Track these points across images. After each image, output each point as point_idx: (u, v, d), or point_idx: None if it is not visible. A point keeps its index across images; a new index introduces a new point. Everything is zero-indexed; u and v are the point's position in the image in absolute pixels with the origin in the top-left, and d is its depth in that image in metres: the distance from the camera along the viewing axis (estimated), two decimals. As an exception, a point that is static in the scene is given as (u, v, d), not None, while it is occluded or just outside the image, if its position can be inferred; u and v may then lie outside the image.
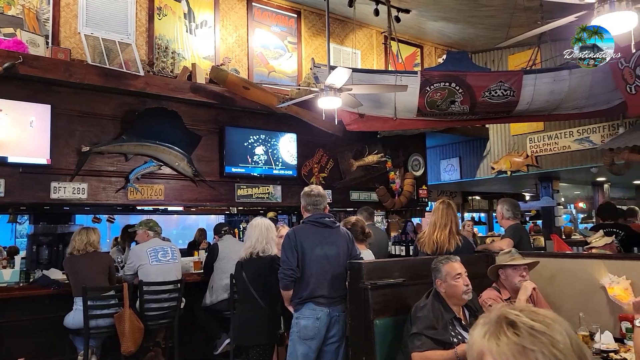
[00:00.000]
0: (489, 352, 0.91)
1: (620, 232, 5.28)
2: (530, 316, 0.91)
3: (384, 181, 7.76)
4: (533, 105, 6.06)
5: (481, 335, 0.93)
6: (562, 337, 0.88)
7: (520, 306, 0.97)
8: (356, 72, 5.66)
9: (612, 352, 2.94)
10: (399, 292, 3.30)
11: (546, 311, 0.95)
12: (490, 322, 0.95)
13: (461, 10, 6.75)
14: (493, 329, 0.92)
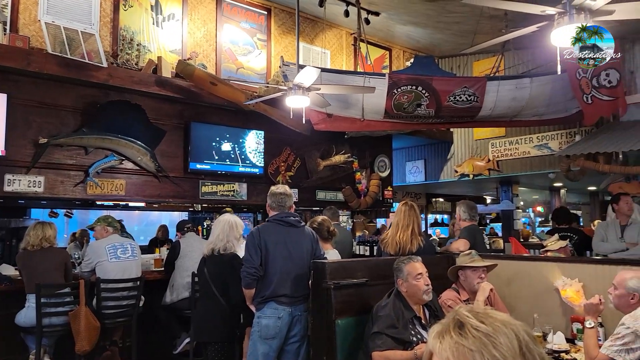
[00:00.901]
0: (434, 350, 0.93)
1: (574, 236, 5.49)
2: (480, 318, 0.93)
3: (350, 181, 7.81)
4: (495, 111, 6.23)
5: (432, 334, 0.95)
6: (507, 340, 0.89)
7: (477, 308, 0.98)
8: (325, 72, 5.68)
9: (564, 352, 3.05)
10: (362, 291, 3.33)
11: (501, 315, 0.96)
12: (444, 322, 0.97)
13: (429, 16, 6.85)
14: (443, 328, 0.94)
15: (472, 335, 0.90)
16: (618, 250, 5.02)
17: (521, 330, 0.92)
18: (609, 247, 5.10)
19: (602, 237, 5.22)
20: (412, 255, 3.52)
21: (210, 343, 3.80)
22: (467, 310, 0.96)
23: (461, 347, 0.89)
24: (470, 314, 0.95)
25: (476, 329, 0.91)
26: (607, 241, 5.15)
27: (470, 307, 0.99)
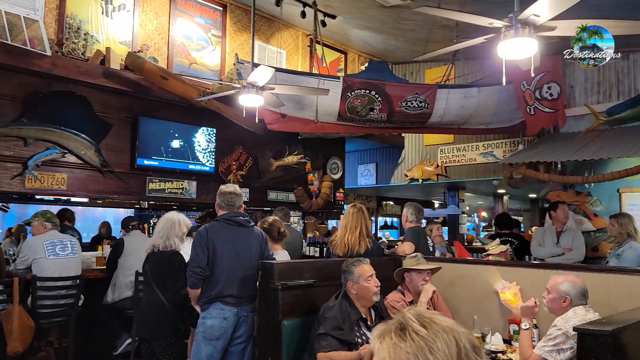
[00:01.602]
0: (374, 350, 0.95)
1: (515, 241, 5.73)
2: (422, 321, 0.94)
3: (302, 182, 7.82)
4: (445, 118, 6.41)
5: (374, 334, 0.96)
6: (445, 346, 0.90)
7: (424, 313, 0.98)
8: (280, 72, 5.67)
9: (500, 353, 3.18)
10: (309, 292, 3.34)
11: (447, 321, 0.97)
12: (388, 323, 0.98)
13: (384, 22, 6.97)
14: (385, 329, 0.95)
15: (411, 339, 0.91)
16: (554, 254, 5.29)
17: (463, 338, 0.93)
18: (545, 251, 5.36)
19: (540, 242, 5.48)
20: (360, 257, 3.58)
21: (157, 341, 3.69)
22: (412, 314, 0.97)
23: (399, 349, 0.91)
24: (414, 318, 0.95)
25: (416, 332, 0.92)
26: (544, 246, 5.41)
27: (418, 311, 1.00)
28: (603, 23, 3.15)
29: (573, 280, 2.86)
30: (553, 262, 4.84)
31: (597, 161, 5.69)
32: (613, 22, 3.13)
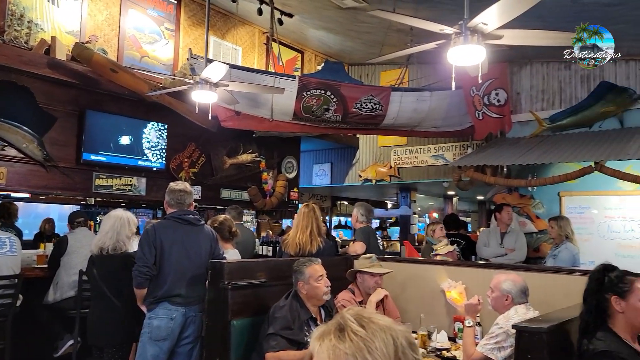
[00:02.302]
0: (313, 352, 0.95)
1: (462, 241, 5.92)
2: (362, 322, 0.95)
3: (256, 181, 7.75)
4: (398, 120, 6.53)
5: (314, 336, 0.97)
6: (383, 345, 0.92)
7: (363, 312, 0.99)
8: (235, 69, 5.60)
9: (445, 350, 3.27)
10: (260, 292, 3.32)
11: (384, 320, 0.98)
12: (328, 324, 0.98)
13: (341, 23, 7.02)
14: (325, 330, 0.96)
15: (349, 339, 0.92)
16: (498, 254, 5.51)
17: (400, 336, 0.95)
18: (490, 251, 5.57)
19: (485, 242, 5.69)
20: (311, 256, 3.59)
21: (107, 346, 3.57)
22: (351, 314, 0.98)
23: (338, 350, 0.91)
24: (353, 318, 0.96)
25: (355, 333, 0.93)
26: (489, 247, 5.63)
27: (357, 310, 1.00)
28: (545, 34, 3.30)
29: (514, 279, 2.98)
30: (497, 262, 5.04)
31: (539, 165, 5.96)
32: (554, 33, 3.28)
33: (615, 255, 5.81)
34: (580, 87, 6.73)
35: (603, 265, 2.39)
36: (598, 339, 2.20)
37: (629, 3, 4.61)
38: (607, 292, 2.28)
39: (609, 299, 2.26)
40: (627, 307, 2.22)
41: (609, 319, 2.27)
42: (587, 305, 2.34)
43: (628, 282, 2.26)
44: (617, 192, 5.88)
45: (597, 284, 2.33)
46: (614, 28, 5.42)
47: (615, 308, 2.24)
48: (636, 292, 2.22)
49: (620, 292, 2.25)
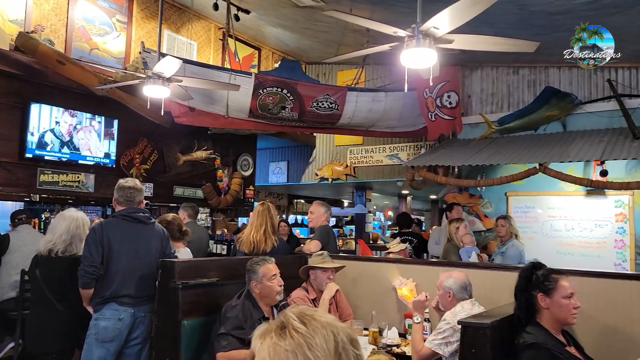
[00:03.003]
0: (255, 350, 0.95)
1: (414, 239, 6.05)
2: (303, 319, 0.96)
3: (211, 178, 7.64)
4: (354, 120, 6.60)
5: (256, 335, 0.97)
6: (323, 341, 0.93)
7: (305, 310, 1.00)
8: (189, 64, 5.50)
9: (395, 347, 3.34)
10: (212, 291, 3.28)
11: (326, 317, 0.99)
12: (270, 322, 0.99)
13: (298, 21, 7.02)
14: (267, 329, 0.96)
15: (290, 337, 0.93)
16: (448, 253, 5.66)
17: (341, 332, 0.97)
18: (440, 249, 5.71)
19: (436, 240, 5.84)
20: (266, 254, 3.58)
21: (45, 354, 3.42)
22: (294, 312, 0.99)
23: (278, 347, 0.92)
24: (295, 316, 0.97)
25: (296, 330, 0.94)
26: (440, 245, 5.77)
27: (301, 309, 1.01)
28: (493, 40, 3.43)
29: (455, 275, 3.10)
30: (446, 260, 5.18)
31: (488, 166, 6.18)
32: (503, 39, 3.41)
33: (557, 252, 6.12)
34: (527, 91, 7.01)
35: (532, 264, 2.55)
36: (527, 333, 2.36)
37: (572, 13, 4.84)
38: (534, 289, 2.44)
39: (535, 296, 2.42)
40: (552, 303, 2.38)
41: (537, 314, 2.44)
42: (518, 301, 2.51)
43: (553, 280, 2.42)
44: (559, 192, 6.18)
45: (526, 281, 2.48)
46: (558, 36, 5.71)
47: (541, 304, 2.40)
48: (560, 290, 2.38)
49: (545, 289, 2.41)
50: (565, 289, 2.40)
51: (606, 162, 5.56)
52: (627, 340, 2.80)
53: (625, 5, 4.48)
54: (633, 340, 2.78)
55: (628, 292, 2.91)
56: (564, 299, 2.39)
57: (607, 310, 2.90)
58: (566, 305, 2.39)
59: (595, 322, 2.89)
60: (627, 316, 2.84)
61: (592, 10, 4.64)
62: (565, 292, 2.39)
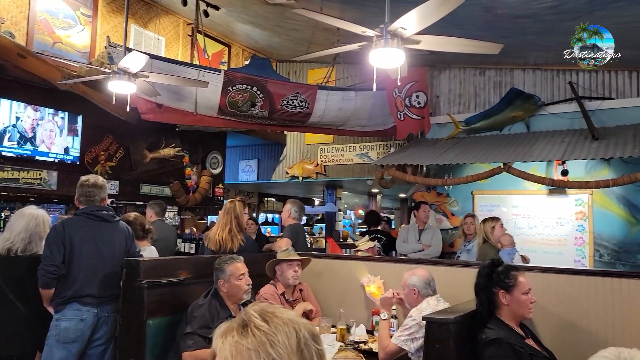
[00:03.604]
0: (216, 350, 0.94)
1: (383, 237, 6.11)
2: (265, 317, 0.95)
3: (179, 176, 7.54)
4: (324, 118, 6.62)
5: (217, 334, 0.96)
6: (285, 338, 0.92)
7: (267, 307, 1.00)
8: (156, 60, 5.41)
9: (362, 343, 3.37)
10: (179, 290, 3.24)
11: (287, 313, 0.99)
12: (231, 321, 0.98)
13: (269, 19, 6.98)
14: (228, 327, 0.95)
15: (252, 335, 0.92)
16: (416, 250, 5.75)
17: (303, 329, 0.96)
18: (409, 247, 5.80)
19: (404, 239, 5.92)
20: (233, 253, 3.56)
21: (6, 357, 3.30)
22: (255, 310, 0.98)
23: (240, 346, 0.91)
24: (257, 314, 0.96)
25: (258, 328, 0.93)
26: (408, 242, 5.86)
27: (262, 306, 1.00)
28: (459, 41, 3.49)
29: (418, 272, 3.16)
30: (414, 258, 5.26)
31: (455, 165, 6.29)
32: (468, 41, 3.48)
33: (520, 250, 6.26)
34: (493, 92, 7.17)
35: (491, 262, 2.61)
36: (489, 328, 2.43)
37: (536, 16, 4.97)
38: (494, 286, 2.50)
39: (496, 293, 2.48)
40: (512, 299, 2.46)
41: (497, 310, 2.51)
42: (479, 298, 2.57)
43: (513, 277, 2.50)
44: (522, 191, 6.34)
45: (486, 279, 2.54)
46: (523, 39, 5.87)
47: (501, 301, 2.47)
48: (519, 286, 2.47)
49: (506, 286, 2.48)
50: (524, 285, 2.48)
51: (567, 162, 5.75)
52: (584, 334, 2.91)
53: (585, 11, 4.62)
54: (590, 334, 2.89)
55: (585, 287, 3.02)
56: (523, 294, 2.47)
57: (566, 305, 3.00)
58: (524, 300, 2.47)
59: (554, 317, 2.99)
60: (584, 311, 2.95)
61: (555, 14, 4.78)
62: (524, 288, 2.47)
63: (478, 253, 4.83)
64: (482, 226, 4.84)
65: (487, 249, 4.69)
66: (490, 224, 4.79)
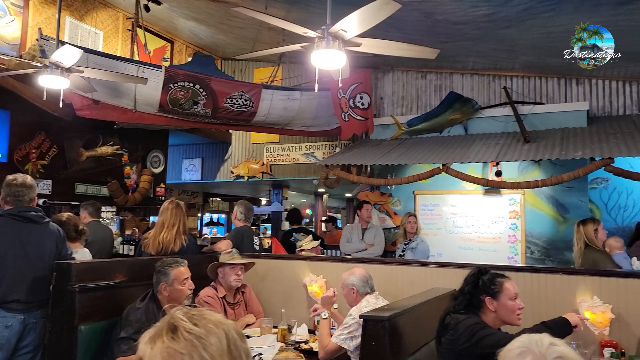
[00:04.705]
0: (144, 356, 0.92)
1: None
2: (194, 320, 0.95)
3: (118, 175, 7.27)
4: (269, 118, 6.59)
5: (143, 340, 0.94)
6: (217, 340, 0.93)
7: (193, 310, 0.99)
8: (92, 54, 5.19)
9: (303, 343, 3.39)
10: (114, 294, 3.14)
11: (215, 316, 0.99)
12: (157, 326, 0.96)
13: (213, 15, 6.87)
14: (156, 333, 0.94)
15: (183, 338, 0.91)
16: (359, 249, 5.84)
17: (231, 329, 0.97)
18: (352, 247, 5.88)
19: (348, 238, 5.99)
20: (175, 255, 3.48)
21: None
22: (182, 314, 0.97)
23: (172, 350, 0.90)
24: (184, 317, 0.95)
25: (189, 331, 0.92)
26: (351, 242, 5.94)
27: (187, 309, 1.00)
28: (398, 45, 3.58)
29: (356, 271, 3.22)
30: (357, 257, 5.35)
31: (397, 166, 6.44)
32: (407, 45, 3.58)
33: (458, 247, 6.53)
34: (434, 95, 7.41)
35: (478, 269, 2.64)
36: (461, 314, 2.46)
37: (472, 23, 5.18)
38: (481, 293, 2.52)
39: (483, 300, 2.51)
40: (499, 305, 2.48)
41: (480, 312, 2.51)
42: (459, 300, 2.55)
43: (498, 283, 2.53)
44: (461, 191, 6.59)
45: (472, 286, 2.55)
46: (461, 44, 6.10)
47: (489, 307, 2.49)
48: (505, 292, 2.50)
49: (492, 293, 2.51)
50: (510, 291, 2.50)
51: (501, 163, 6.03)
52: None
53: (517, 20, 4.87)
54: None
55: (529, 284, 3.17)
56: (510, 300, 2.49)
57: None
58: (512, 306, 2.48)
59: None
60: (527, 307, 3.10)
61: (489, 22, 5.00)
62: (510, 294, 2.49)
63: (582, 260, 4.13)
64: (582, 229, 4.19)
65: (595, 255, 4.07)
66: (592, 226, 4.16)
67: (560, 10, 4.55)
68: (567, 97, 6.57)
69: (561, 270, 3.09)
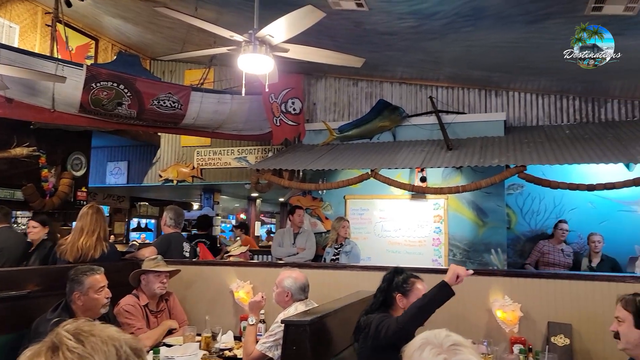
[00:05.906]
0: None
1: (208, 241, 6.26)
2: (79, 337, 0.90)
3: (34, 178, 6.80)
4: (199, 121, 6.46)
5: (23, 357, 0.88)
6: (103, 357, 0.89)
7: (83, 325, 0.94)
8: (5, 50, 4.86)
9: (227, 350, 3.33)
10: (23, 305, 2.95)
11: (107, 331, 0.95)
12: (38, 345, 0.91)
13: (140, 14, 6.63)
14: (35, 352, 0.88)
15: (64, 358, 0.86)
16: (291, 254, 5.85)
17: (124, 345, 0.93)
18: (283, 251, 5.89)
19: (279, 242, 5.99)
20: (95, 262, 3.33)
21: None
22: (68, 330, 0.92)
23: None
24: (70, 335, 0.90)
25: (71, 350, 0.87)
26: (283, 246, 5.94)
27: (77, 325, 0.95)
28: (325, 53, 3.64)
29: (296, 276, 3.19)
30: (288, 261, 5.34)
31: (328, 171, 6.52)
32: (333, 53, 3.64)
33: (386, 251, 6.70)
34: (365, 102, 7.58)
35: (394, 269, 2.81)
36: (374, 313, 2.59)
37: (399, 34, 5.37)
38: (393, 291, 2.69)
39: (395, 297, 2.67)
40: (408, 303, 2.60)
41: (391, 310, 2.67)
42: (376, 299, 2.72)
43: (410, 283, 2.69)
44: (389, 196, 6.78)
45: (388, 284, 2.72)
46: (389, 54, 6.30)
47: (399, 304, 2.65)
48: (415, 292, 2.66)
49: (403, 291, 2.67)
50: (420, 291, 2.63)
51: (426, 170, 6.27)
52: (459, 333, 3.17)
53: (441, 33, 5.11)
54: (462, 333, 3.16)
55: None
56: None
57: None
58: None
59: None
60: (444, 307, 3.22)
61: (415, 34, 5.20)
62: (419, 294, 2.60)
63: None
64: None
65: None
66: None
67: (479, 26, 4.82)
68: (486, 107, 6.96)
69: (476, 272, 3.25)
